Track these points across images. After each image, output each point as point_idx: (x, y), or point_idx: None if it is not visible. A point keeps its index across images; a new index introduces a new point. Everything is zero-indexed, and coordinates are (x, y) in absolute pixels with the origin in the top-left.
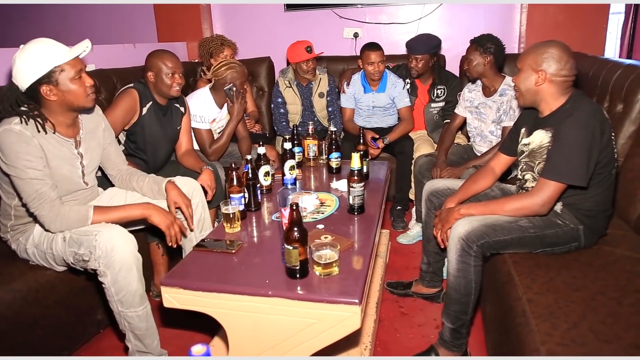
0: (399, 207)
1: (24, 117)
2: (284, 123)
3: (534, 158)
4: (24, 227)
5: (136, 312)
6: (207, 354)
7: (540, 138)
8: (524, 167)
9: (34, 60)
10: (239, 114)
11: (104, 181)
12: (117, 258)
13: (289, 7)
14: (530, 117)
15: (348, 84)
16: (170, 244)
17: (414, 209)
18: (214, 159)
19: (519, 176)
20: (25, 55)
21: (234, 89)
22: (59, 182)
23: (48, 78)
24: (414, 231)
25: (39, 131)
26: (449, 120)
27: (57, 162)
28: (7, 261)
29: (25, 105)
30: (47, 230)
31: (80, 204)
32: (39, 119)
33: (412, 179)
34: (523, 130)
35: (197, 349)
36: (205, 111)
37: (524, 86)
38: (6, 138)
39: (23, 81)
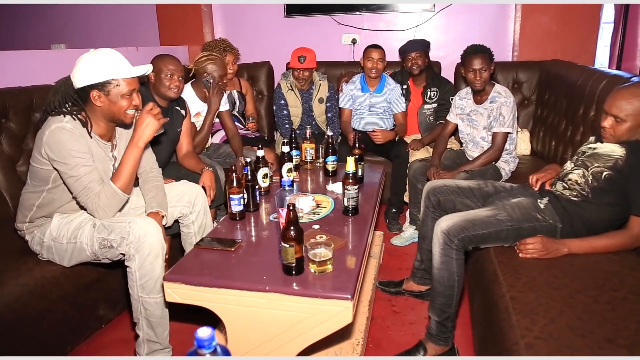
0: (393, 210)
1: (73, 115)
2: (287, 125)
3: (595, 160)
4: (41, 220)
5: (154, 299)
6: (212, 337)
7: (611, 148)
8: (579, 163)
9: (97, 65)
10: (214, 105)
11: None
12: (148, 243)
13: (289, 12)
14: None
15: (347, 82)
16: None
17: (408, 212)
18: (199, 152)
19: (567, 167)
20: (92, 57)
21: (211, 80)
22: None
23: (102, 86)
24: (408, 233)
25: (84, 129)
26: (443, 122)
27: (95, 163)
28: (16, 256)
29: (71, 104)
30: (94, 217)
31: None
32: (83, 120)
33: (407, 183)
34: (592, 137)
35: (203, 331)
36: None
37: (628, 134)
38: (59, 135)
39: (79, 80)
